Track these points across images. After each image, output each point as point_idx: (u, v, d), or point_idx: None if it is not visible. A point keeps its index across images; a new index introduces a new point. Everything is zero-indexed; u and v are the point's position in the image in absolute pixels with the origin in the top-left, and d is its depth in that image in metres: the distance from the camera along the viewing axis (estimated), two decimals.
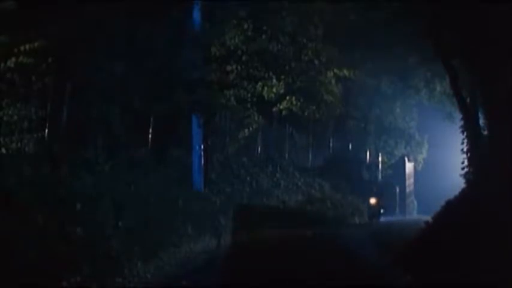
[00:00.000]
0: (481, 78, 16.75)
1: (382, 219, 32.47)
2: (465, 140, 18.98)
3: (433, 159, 36.84)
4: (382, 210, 33.09)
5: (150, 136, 24.61)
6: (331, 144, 36.56)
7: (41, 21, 19.06)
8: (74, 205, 14.99)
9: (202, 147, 25.90)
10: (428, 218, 17.62)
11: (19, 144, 19.28)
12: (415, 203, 37.84)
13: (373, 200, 32.81)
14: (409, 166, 37.99)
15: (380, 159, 37.77)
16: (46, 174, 16.41)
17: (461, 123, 19.14)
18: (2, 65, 19.02)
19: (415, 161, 38.39)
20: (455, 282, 11.76)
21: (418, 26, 19.37)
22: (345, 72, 29.81)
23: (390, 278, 13.97)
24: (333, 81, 30.08)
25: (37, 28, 19.24)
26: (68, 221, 14.24)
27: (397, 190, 36.46)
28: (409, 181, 37.82)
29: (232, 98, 26.50)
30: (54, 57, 19.67)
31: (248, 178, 28.46)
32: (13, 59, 19.02)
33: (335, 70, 29.81)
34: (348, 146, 37.15)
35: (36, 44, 19.22)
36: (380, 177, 37.66)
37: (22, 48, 19.08)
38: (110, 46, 21.18)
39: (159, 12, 22.70)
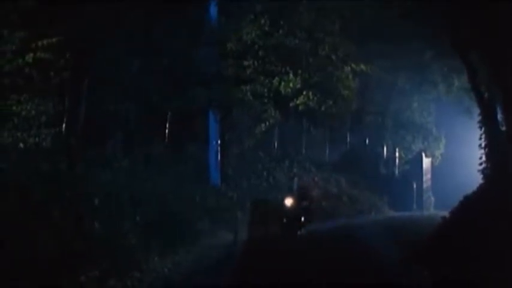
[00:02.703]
0: (500, 73, 16.65)
1: (399, 214, 32.22)
2: (483, 135, 18.89)
3: (451, 155, 36.58)
4: (303, 218, 21.67)
5: (167, 132, 24.70)
6: (348, 140, 36.47)
7: (59, 17, 19.15)
8: (91, 200, 15.08)
9: (219, 142, 25.96)
10: (445, 213, 17.56)
11: (37, 139, 19.38)
12: (432, 198, 37.60)
13: (289, 201, 21.70)
14: (426, 161, 37.73)
15: (397, 154, 37.60)
16: (63, 169, 16.52)
17: (479, 118, 19.03)
18: (20, 60, 19.13)
19: (433, 156, 38.12)
20: (469, 278, 11.70)
21: (436, 20, 19.29)
22: (362, 67, 29.72)
23: (404, 274, 13.94)
24: (350, 76, 29.98)
25: (55, 24, 19.33)
26: (86, 216, 14.34)
27: (414, 186, 36.25)
28: (427, 176, 37.54)
29: (249, 93, 26.53)
30: (72, 52, 19.76)
31: (265, 173, 28.48)
32: (31, 54, 19.13)
33: (352, 65, 29.73)
34: (365, 141, 37.02)
35: (54, 40, 19.31)
36: (397, 172, 37.53)
37: (40, 43, 19.18)
38: (128, 42, 21.26)
39: (176, 8, 22.75)
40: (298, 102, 29.01)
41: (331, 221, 26.26)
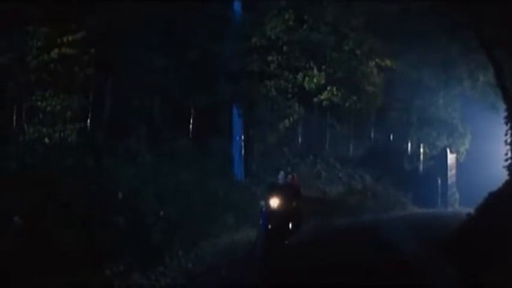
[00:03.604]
0: None
1: (423, 210, 32.07)
2: (509, 131, 18.73)
3: (476, 151, 36.24)
4: (290, 225, 17.90)
5: (191, 126, 24.79)
6: (372, 135, 36.24)
7: (83, 13, 19.30)
8: (116, 195, 15.17)
9: (242, 137, 25.96)
10: (470, 210, 17.44)
11: (62, 134, 19.54)
12: (457, 194, 37.32)
13: (275, 201, 17.26)
14: (451, 157, 37.38)
15: (422, 150, 37.32)
16: (89, 164, 16.63)
17: (505, 113, 18.87)
18: (45, 56, 19.30)
19: (458, 152, 37.78)
20: (494, 275, 11.61)
21: (462, 16, 19.15)
22: (387, 62, 29.53)
23: (430, 271, 13.88)
24: (375, 71, 29.79)
25: (79, 20, 19.48)
26: (111, 211, 14.43)
27: (439, 182, 35.99)
28: (451, 173, 37.22)
29: (273, 89, 26.44)
30: (97, 48, 19.89)
31: (289, 169, 28.39)
32: (56, 50, 19.30)
33: (377, 60, 29.54)
34: (389, 137, 36.79)
35: (78, 36, 19.47)
36: (421, 168, 37.29)
37: (65, 39, 19.34)
38: (152, 37, 21.34)
39: (201, 3, 22.80)
40: (322, 97, 28.82)
41: (355, 217, 26.21)
